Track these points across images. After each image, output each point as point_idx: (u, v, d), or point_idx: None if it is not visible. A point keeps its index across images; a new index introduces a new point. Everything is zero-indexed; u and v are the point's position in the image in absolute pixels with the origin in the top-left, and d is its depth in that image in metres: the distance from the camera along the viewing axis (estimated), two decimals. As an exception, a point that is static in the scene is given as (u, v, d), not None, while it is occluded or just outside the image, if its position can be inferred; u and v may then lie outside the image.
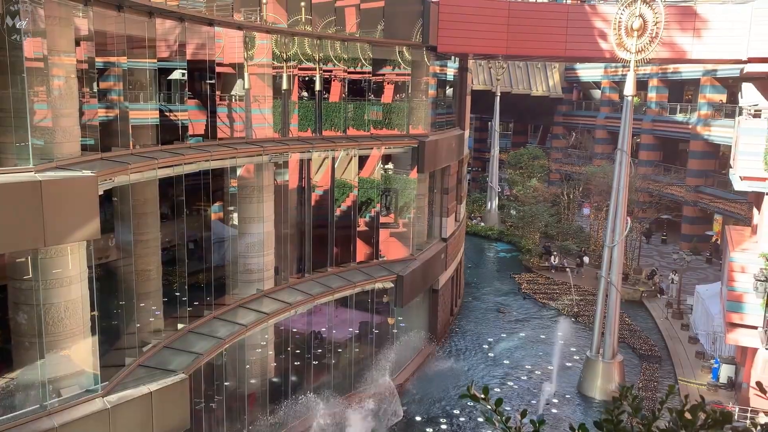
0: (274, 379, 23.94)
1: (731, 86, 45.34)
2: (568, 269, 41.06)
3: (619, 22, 24.59)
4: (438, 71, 31.91)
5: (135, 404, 16.25)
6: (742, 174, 24.10)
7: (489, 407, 3.75)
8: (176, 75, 22.17)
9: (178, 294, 20.78)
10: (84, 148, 17.03)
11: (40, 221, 14.00)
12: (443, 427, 24.63)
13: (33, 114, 15.22)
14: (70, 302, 15.49)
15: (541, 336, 33.54)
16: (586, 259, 43.78)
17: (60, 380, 15.53)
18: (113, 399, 15.95)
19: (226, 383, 21.38)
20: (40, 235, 14.14)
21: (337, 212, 27.03)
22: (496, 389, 27.18)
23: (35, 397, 15.02)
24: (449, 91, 34.55)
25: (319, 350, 25.61)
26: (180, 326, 20.48)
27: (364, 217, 28.15)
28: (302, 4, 24.47)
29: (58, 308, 15.30)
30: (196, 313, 21.18)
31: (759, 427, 3.52)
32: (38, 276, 15.07)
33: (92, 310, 16.02)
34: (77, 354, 15.89)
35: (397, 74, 30.04)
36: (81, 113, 17.09)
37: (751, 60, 24.86)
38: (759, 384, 3.73)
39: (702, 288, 34.08)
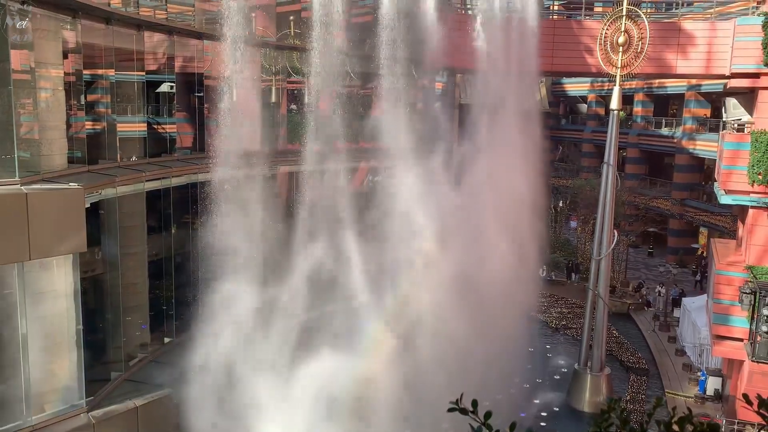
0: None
1: (715, 101, 45.90)
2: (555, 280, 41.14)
3: (605, 37, 24.89)
4: (426, 85, 32.09)
5: (120, 419, 16.07)
6: (727, 188, 24.35)
7: (477, 421, 3.76)
8: (164, 88, 22.15)
9: (164, 307, 20.63)
10: (71, 160, 16.95)
11: (25, 234, 13.89)
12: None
13: (19, 126, 15.14)
14: (55, 316, 15.34)
15: (529, 349, 33.52)
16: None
17: (44, 395, 15.33)
18: (98, 414, 15.77)
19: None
20: (25, 249, 14.02)
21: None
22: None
23: (18, 413, 14.81)
24: (437, 104, 34.73)
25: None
26: (166, 340, 20.32)
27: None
28: (291, 18, 24.58)
29: (44, 322, 15.14)
30: (183, 326, 21.01)
31: (745, 439, 3.54)
32: (23, 289, 14.92)
33: (78, 324, 15.86)
34: (62, 368, 15.71)
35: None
36: (68, 126, 17.03)
37: (734, 75, 25.21)
38: (745, 396, 3.76)
39: (688, 300, 34.27)
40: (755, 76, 24.18)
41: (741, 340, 23.27)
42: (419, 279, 21.83)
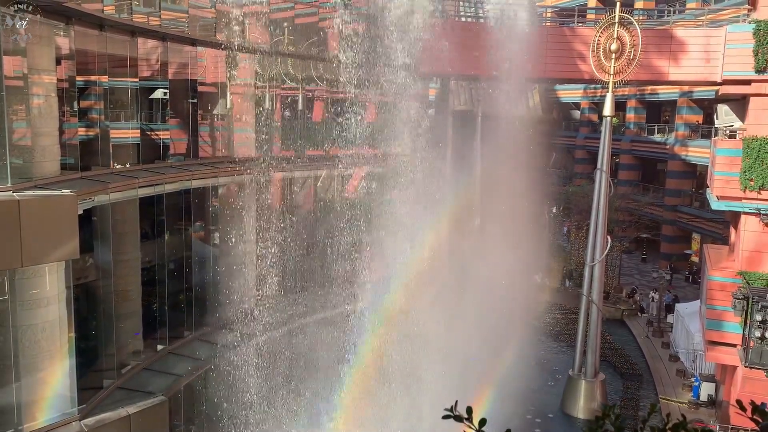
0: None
1: (707, 107, 46.14)
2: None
3: (598, 44, 25.03)
4: (420, 92, 32.10)
5: (113, 427, 15.96)
6: (719, 194, 24.46)
7: (472, 428, 3.75)
8: (158, 94, 22.12)
9: (158, 315, 20.54)
10: (64, 167, 16.88)
11: (17, 241, 13.80)
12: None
13: (12, 132, 15.08)
14: (47, 323, 15.24)
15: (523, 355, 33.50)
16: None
17: (36, 403, 15.21)
18: (91, 422, 15.65)
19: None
20: (17, 256, 13.93)
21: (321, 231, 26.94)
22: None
23: (9, 422, 14.69)
24: (431, 111, 34.79)
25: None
26: (159, 347, 20.22)
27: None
28: (285, 24, 24.61)
29: (35, 329, 15.03)
30: (176, 334, 20.91)
31: (739, 445, 3.55)
32: (15, 296, 14.82)
33: (70, 331, 15.76)
34: (54, 376, 15.60)
35: (379, 94, 30.14)
36: (61, 132, 16.97)
37: (725, 82, 25.36)
38: (739, 402, 3.76)
39: (682, 306, 34.36)
40: (746, 82, 24.33)
41: (734, 345, 23.33)
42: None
